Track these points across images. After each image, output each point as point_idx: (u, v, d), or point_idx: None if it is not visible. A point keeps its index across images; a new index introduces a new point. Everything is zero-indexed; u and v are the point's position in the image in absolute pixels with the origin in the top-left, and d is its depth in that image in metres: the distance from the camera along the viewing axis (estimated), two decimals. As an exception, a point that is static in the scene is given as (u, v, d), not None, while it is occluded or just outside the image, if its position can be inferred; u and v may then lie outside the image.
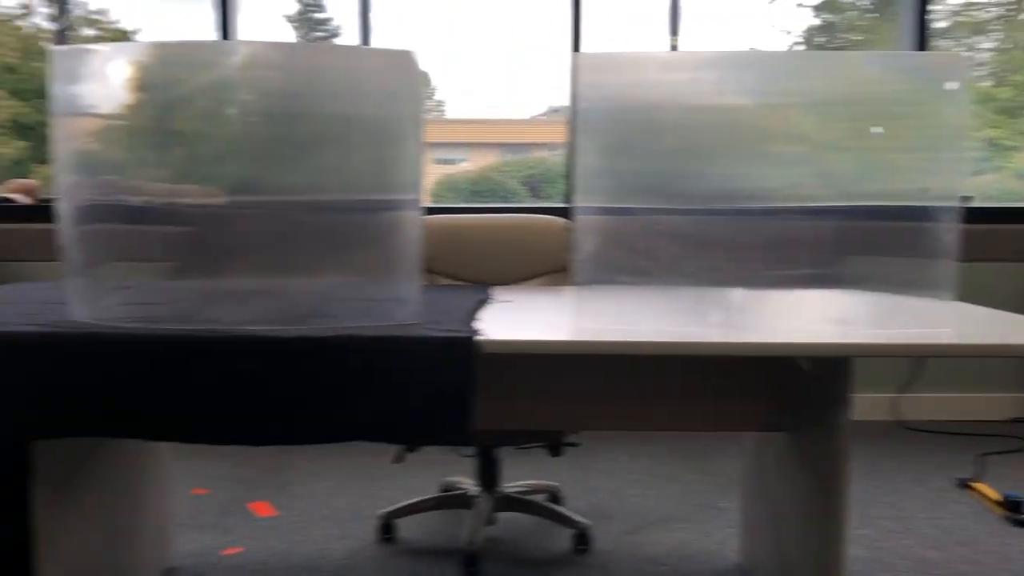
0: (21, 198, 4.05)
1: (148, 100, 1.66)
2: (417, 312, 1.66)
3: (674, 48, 4.15)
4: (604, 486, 3.12)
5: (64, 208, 1.69)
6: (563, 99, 4.90)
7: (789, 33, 4.60)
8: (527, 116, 5.72)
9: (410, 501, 2.69)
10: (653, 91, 1.73)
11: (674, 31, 4.23)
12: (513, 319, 1.84)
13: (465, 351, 1.51)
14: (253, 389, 1.51)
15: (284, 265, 1.70)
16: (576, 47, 4.12)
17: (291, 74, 1.66)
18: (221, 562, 2.43)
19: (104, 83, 1.65)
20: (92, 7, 5.11)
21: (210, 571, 2.37)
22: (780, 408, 2.00)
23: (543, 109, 5.57)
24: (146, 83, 1.65)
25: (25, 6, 5.44)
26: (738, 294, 1.68)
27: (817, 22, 4.75)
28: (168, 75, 1.66)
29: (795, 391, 1.96)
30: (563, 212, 2.58)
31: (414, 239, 1.66)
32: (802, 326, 1.72)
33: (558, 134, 4.89)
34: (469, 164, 6.15)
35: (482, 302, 2.06)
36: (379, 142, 1.68)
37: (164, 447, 2.38)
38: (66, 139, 1.69)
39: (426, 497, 2.75)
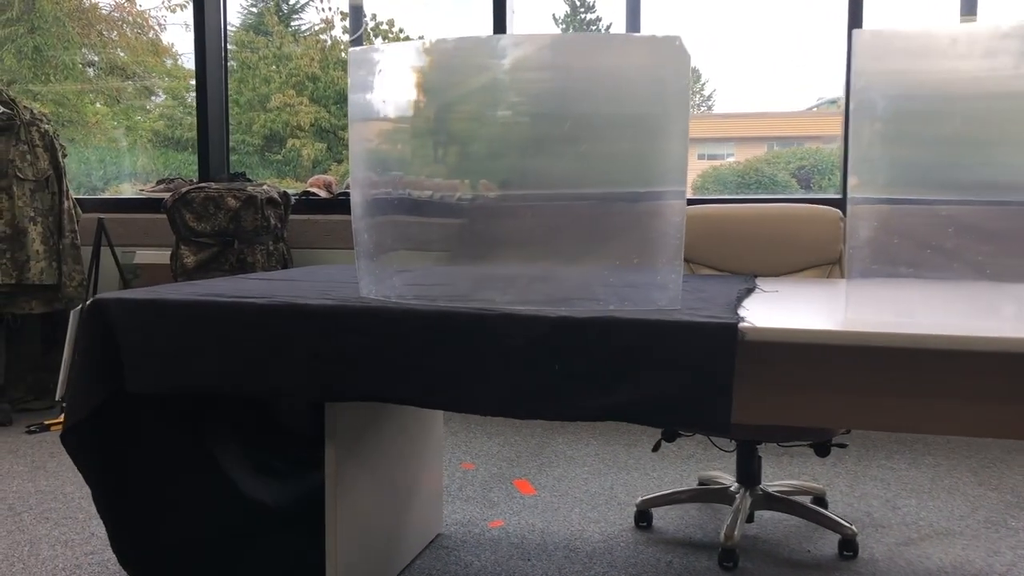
0: (321, 192, 4.50)
1: (427, 103, 1.80)
2: (677, 298, 1.66)
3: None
4: (877, 493, 2.93)
5: (356, 201, 1.87)
6: (836, 90, 4.64)
7: None
8: (798, 109, 5.48)
9: (667, 491, 2.69)
10: (943, 70, 1.59)
11: (970, 10, 3.84)
12: (779, 308, 1.79)
13: (726, 338, 1.49)
14: (517, 364, 1.58)
15: (550, 253, 1.76)
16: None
17: (556, 69, 1.72)
18: (485, 533, 2.57)
19: (390, 89, 1.81)
20: (381, 18, 5.57)
21: (475, 541, 2.52)
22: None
23: (814, 101, 5.32)
24: (425, 86, 1.79)
25: (325, 21, 6.04)
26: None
27: None
28: (444, 79, 1.78)
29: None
30: (836, 203, 2.45)
31: (676, 228, 1.66)
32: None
33: (831, 126, 4.64)
34: (736, 158, 5.99)
35: (747, 290, 2.02)
36: (644, 133, 1.69)
37: (438, 422, 2.56)
38: (359, 140, 1.87)
39: (684, 488, 2.73)
